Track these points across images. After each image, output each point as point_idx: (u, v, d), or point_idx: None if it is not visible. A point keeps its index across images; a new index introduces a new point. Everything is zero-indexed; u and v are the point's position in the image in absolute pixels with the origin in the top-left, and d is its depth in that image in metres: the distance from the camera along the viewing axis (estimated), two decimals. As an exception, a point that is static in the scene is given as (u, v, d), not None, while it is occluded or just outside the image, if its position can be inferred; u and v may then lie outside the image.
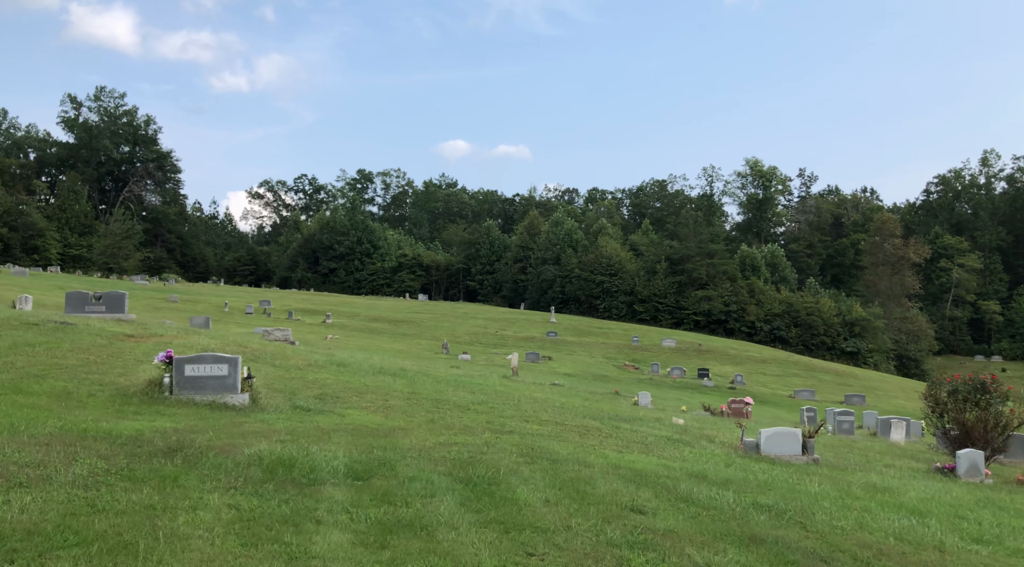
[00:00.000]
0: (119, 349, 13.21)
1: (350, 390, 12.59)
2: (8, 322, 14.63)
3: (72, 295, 19.07)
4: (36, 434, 7.04)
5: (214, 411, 9.49)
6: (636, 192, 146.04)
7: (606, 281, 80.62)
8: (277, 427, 8.84)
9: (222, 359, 10.07)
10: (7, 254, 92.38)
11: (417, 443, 8.52)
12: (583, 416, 13.26)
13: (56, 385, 9.91)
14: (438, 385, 15.24)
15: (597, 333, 62.90)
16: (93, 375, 10.84)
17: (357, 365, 16.73)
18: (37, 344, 12.61)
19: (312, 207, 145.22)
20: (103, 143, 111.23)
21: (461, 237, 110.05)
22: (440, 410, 11.51)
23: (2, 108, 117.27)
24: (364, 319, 59.77)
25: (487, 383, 18.08)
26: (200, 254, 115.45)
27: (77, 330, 14.75)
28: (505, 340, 54.76)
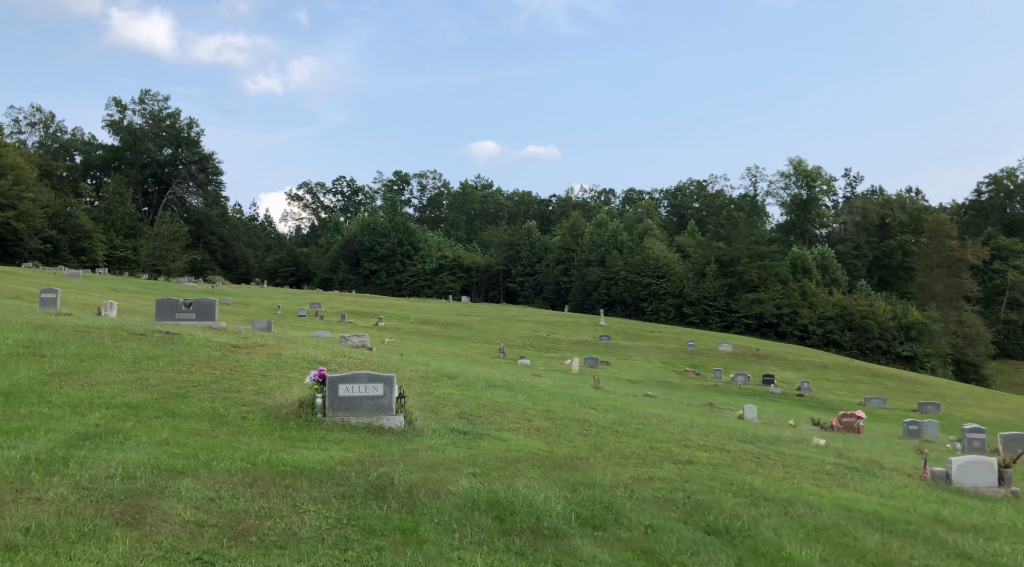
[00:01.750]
0: (236, 362, 12.61)
1: (482, 407, 11.86)
2: (115, 332, 14.12)
3: (163, 302, 18.62)
4: (228, 470, 6.37)
5: (375, 435, 8.78)
6: (674, 193, 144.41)
7: (653, 283, 79.37)
8: (452, 456, 8.11)
9: (377, 378, 9.37)
10: (56, 256, 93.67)
11: (611, 478, 7.72)
12: (724, 436, 12.39)
13: (202, 406, 9.28)
14: (556, 400, 14.46)
15: (649, 337, 61.80)
16: (230, 394, 10.21)
17: (461, 376, 16.03)
18: (158, 358, 12.05)
19: (350, 209, 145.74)
20: (147, 146, 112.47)
21: (501, 238, 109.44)
22: (590, 433, 10.72)
23: (50, 112, 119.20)
24: (414, 322, 59.34)
25: (593, 396, 17.29)
26: (241, 255, 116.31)
27: (183, 341, 14.21)
28: (558, 344, 53.91)
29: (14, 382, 9.39)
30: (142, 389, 9.85)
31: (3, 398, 8.57)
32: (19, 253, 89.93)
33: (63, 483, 5.24)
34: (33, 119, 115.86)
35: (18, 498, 4.77)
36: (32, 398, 8.75)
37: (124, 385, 9.93)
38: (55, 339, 12.61)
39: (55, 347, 11.92)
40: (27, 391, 9.06)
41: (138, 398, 9.27)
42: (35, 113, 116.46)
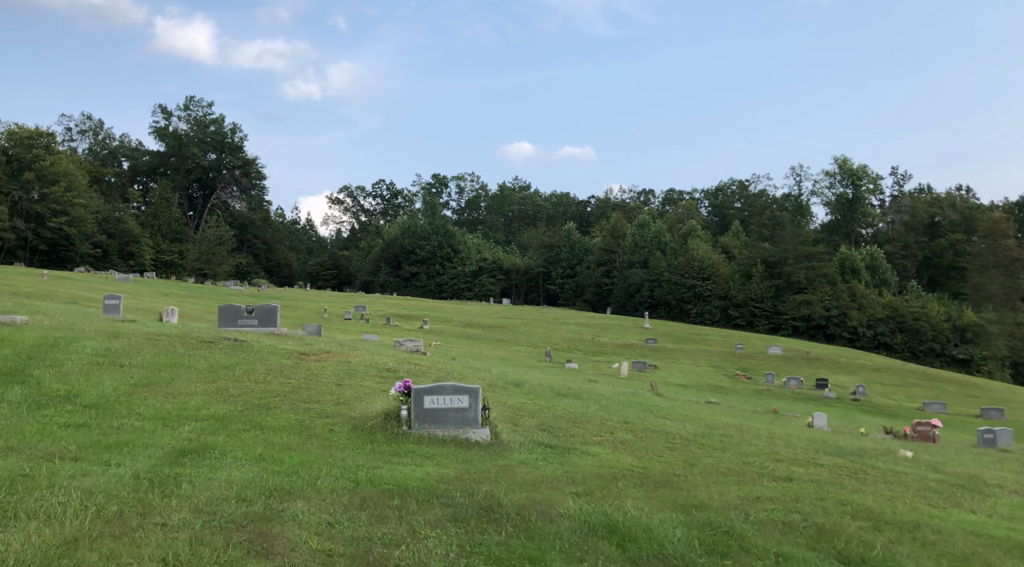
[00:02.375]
0: (308, 371, 12.52)
1: (559, 418, 11.58)
2: (185, 340, 14.16)
3: (225, 309, 18.70)
4: (334, 489, 6.18)
5: (463, 449, 8.55)
6: (715, 192, 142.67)
7: (698, 285, 78.30)
8: (547, 472, 7.84)
9: (462, 390, 9.16)
10: (106, 260, 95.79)
11: (719, 499, 7.37)
12: (810, 448, 11.92)
13: (287, 418, 9.15)
14: (627, 409, 14.12)
15: (696, 339, 60.94)
16: (311, 404, 10.08)
17: (527, 383, 15.81)
18: (232, 366, 12.00)
19: (389, 212, 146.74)
20: (192, 151, 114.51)
21: (540, 240, 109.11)
22: (676, 446, 10.36)
23: (99, 119, 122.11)
24: (457, 325, 59.34)
25: (660, 404, 16.90)
26: (284, 259, 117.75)
27: (253, 349, 14.18)
28: (603, 347, 53.43)
29: (101, 393, 9.37)
30: (224, 400, 9.77)
31: (94, 410, 8.53)
32: (71, 258, 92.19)
33: (182, 506, 5.08)
34: (83, 127, 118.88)
35: (144, 523, 4.62)
36: (121, 410, 8.71)
37: (206, 396, 9.86)
38: (130, 348, 12.65)
39: (132, 356, 11.94)
40: (114, 402, 9.03)
41: (223, 410, 9.18)
42: (85, 121, 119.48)
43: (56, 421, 7.89)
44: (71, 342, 12.45)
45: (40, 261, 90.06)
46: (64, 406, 8.66)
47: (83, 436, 7.27)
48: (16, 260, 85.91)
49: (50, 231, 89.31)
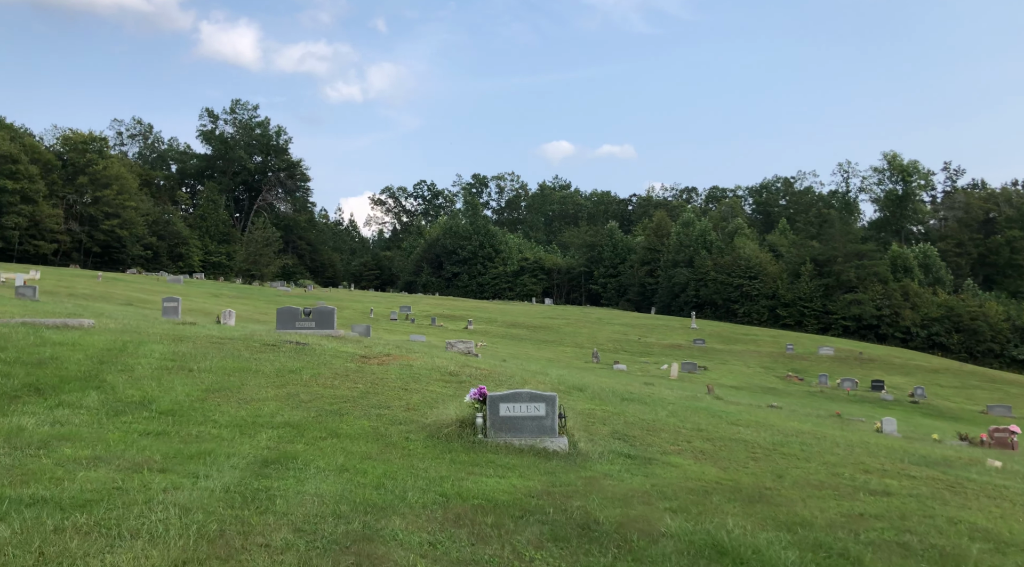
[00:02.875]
0: (373, 375, 12.38)
1: (630, 425, 11.25)
2: (248, 343, 14.14)
3: (283, 311, 18.74)
4: (424, 504, 5.96)
5: (543, 459, 8.29)
6: (759, 190, 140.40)
7: (745, 284, 76.94)
8: (635, 486, 7.52)
9: (538, 397, 8.89)
10: (156, 262, 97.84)
11: (820, 515, 6.96)
12: (894, 458, 11.39)
13: (361, 425, 8.98)
14: (695, 415, 13.72)
15: (744, 340, 59.87)
16: (382, 410, 9.92)
17: (590, 388, 15.49)
18: (299, 370, 11.92)
19: (430, 212, 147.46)
20: (238, 154, 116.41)
21: (581, 239, 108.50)
22: (758, 456, 9.96)
23: (148, 123, 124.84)
24: (501, 325, 59.20)
25: (727, 409, 16.43)
26: (328, 260, 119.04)
27: (315, 352, 14.11)
28: (650, 348, 52.77)
29: (174, 399, 9.32)
30: (296, 406, 9.65)
31: (171, 417, 8.46)
32: (123, 259, 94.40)
33: (281, 524, 4.90)
34: (134, 131, 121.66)
35: (247, 544, 4.44)
36: (196, 417, 8.62)
37: (278, 402, 9.76)
38: (197, 352, 12.65)
39: (199, 360, 11.92)
40: (189, 409, 8.96)
41: (297, 417, 9.05)
42: (135, 125, 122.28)
43: (135, 428, 7.82)
44: (139, 346, 12.50)
45: (93, 263, 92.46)
46: (140, 413, 8.61)
47: (165, 445, 7.17)
48: (71, 262, 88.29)
49: (103, 233, 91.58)
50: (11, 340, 11.71)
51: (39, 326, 13.71)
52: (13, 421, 7.47)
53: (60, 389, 9.26)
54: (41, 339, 12.06)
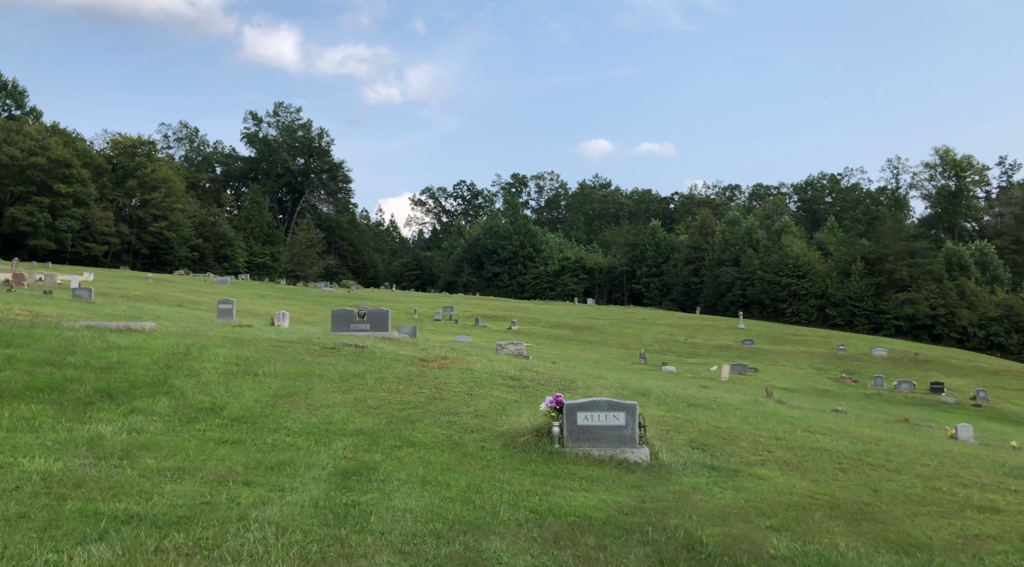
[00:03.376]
0: (435, 379, 12.15)
1: (705, 433, 10.83)
2: (308, 347, 14.04)
3: (338, 313, 18.69)
4: (518, 521, 5.67)
5: (625, 471, 7.95)
6: (804, 187, 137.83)
7: (793, 283, 75.39)
8: (727, 501, 7.14)
9: (617, 406, 8.55)
10: (202, 263, 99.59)
11: (933, 536, 6.49)
12: (986, 469, 10.77)
13: (435, 433, 8.74)
14: (767, 421, 13.22)
15: (794, 340, 58.62)
16: (451, 417, 9.68)
17: (653, 393, 15.09)
18: (362, 375, 11.75)
19: (470, 212, 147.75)
20: (281, 156, 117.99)
21: (623, 238, 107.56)
22: (846, 467, 9.47)
23: (194, 127, 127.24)
24: (544, 325, 58.85)
25: (794, 415, 15.87)
26: (370, 260, 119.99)
27: (375, 355, 13.96)
28: (698, 349, 51.94)
29: (244, 406, 9.19)
30: (366, 413, 9.46)
31: (243, 425, 8.32)
32: (170, 261, 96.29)
33: (381, 545, 4.65)
34: (180, 134, 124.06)
35: (352, 569, 4.19)
36: (269, 424, 8.47)
37: (347, 408, 9.57)
38: (259, 356, 12.57)
39: (263, 364, 11.82)
40: (260, 416, 8.81)
41: (368, 424, 8.85)
42: (182, 129, 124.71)
43: (210, 436, 7.68)
44: (203, 350, 12.46)
45: (142, 264, 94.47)
46: (213, 419, 8.48)
47: (243, 454, 7.00)
48: (121, 263, 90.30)
49: (151, 235, 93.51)
50: (79, 344, 11.75)
51: (103, 330, 13.78)
52: (92, 429, 7.38)
53: (131, 395, 9.19)
54: (107, 343, 12.09)
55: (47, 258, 76.68)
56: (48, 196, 78.58)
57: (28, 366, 9.99)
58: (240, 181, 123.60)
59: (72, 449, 6.45)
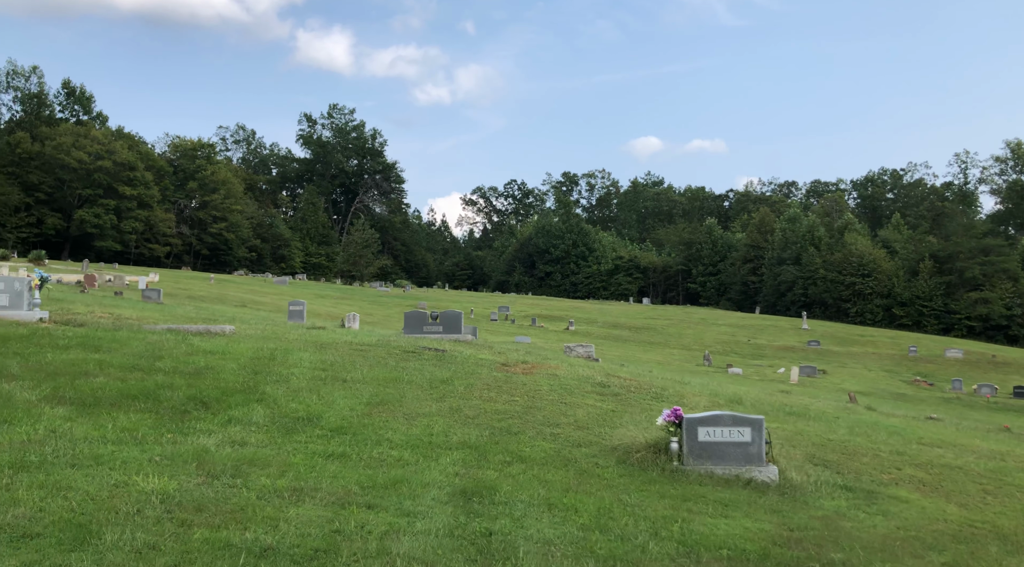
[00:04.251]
0: (524, 386, 11.65)
1: (821, 446, 10.09)
2: (389, 350, 13.68)
3: (410, 315, 18.36)
4: (671, 554, 5.11)
5: (754, 492, 7.31)
6: (864, 183, 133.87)
7: (858, 282, 72.95)
8: (881, 530, 6.44)
9: (742, 421, 7.91)
10: (260, 263, 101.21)
11: None
12: None
13: (541, 447, 8.23)
14: (875, 432, 12.36)
15: (861, 341, 56.66)
16: (553, 429, 9.15)
17: (746, 400, 14.32)
18: (450, 381, 11.31)
19: (521, 211, 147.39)
20: (335, 157, 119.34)
21: (678, 237, 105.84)
22: (991, 489, 8.63)
23: (251, 129, 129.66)
24: (602, 326, 58.04)
25: (894, 424, 14.92)
26: (422, 260, 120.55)
27: (455, 359, 13.53)
28: (761, 350, 50.54)
29: (340, 415, 8.82)
30: (464, 423, 8.99)
31: (344, 436, 7.92)
32: (229, 261, 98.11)
33: (542, 589, 4.13)
34: (238, 137, 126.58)
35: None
36: (369, 435, 8.06)
37: (444, 418, 9.13)
38: (343, 360, 12.24)
39: (349, 370, 11.48)
40: (358, 426, 8.41)
41: (471, 436, 8.38)
42: (239, 131, 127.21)
43: (314, 449, 7.30)
44: (286, 354, 12.18)
45: (202, 265, 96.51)
46: (312, 430, 8.12)
47: (352, 471, 6.58)
48: (182, 264, 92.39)
49: (211, 236, 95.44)
50: (164, 348, 11.58)
51: (184, 333, 13.64)
52: (194, 441, 7.05)
53: (225, 403, 8.89)
54: (192, 347, 11.89)
55: (112, 259, 78.80)
56: (114, 199, 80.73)
57: (119, 372, 9.81)
58: (295, 182, 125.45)
59: (181, 465, 6.11)
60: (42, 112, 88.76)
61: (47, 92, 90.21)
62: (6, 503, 4.69)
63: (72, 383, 8.86)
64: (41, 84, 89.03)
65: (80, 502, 4.85)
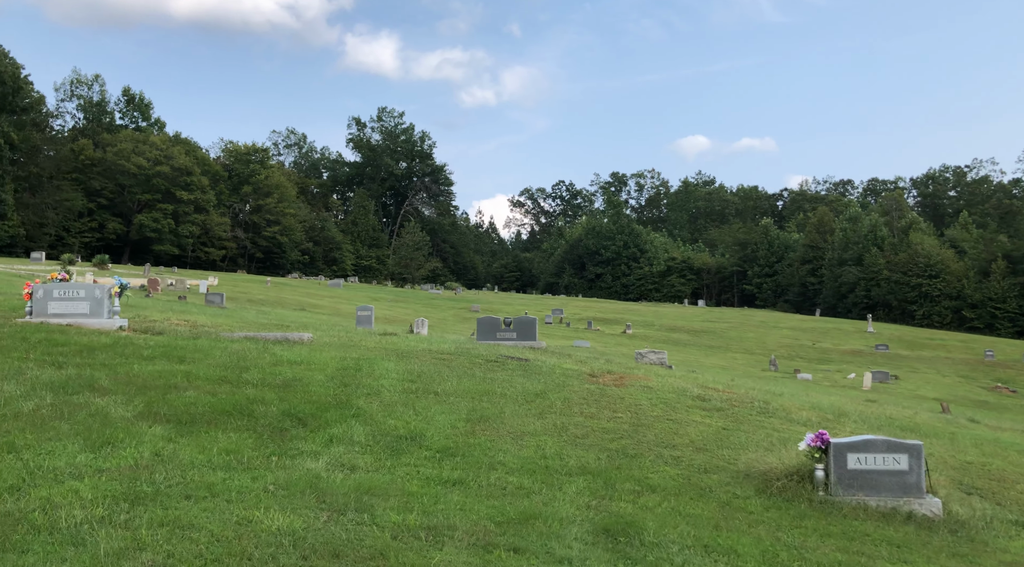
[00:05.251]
0: (622, 400, 10.94)
1: (959, 470, 9.19)
2: (471, 359, 13.11)
3: (483, 321, 17.81)
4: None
5: (920, 529, 6.48)
6: (924, 181, 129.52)
7: (924, 283, 70.26)
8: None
9: (898, 447, 7.08)
10: (312, 266, 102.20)
11: None
12: None
13: (668, 474, 7.52)
14: (1008, 452, 11.36)
15: (931, 345, 54.41)
16: (671, 451, 8.44)
17: (850, 413, 13.38)
18: (545, 394, 10.68)
19: (569, 212, 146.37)
20: (385, 161, 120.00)
21: (733, 237, 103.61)
22: None
23: (302, 133, 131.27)
24: (660, 329, 56.84)
25: (999, 437, 13.83)
26: (470, 262, 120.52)
27: (540, 369, 12.90)
28: (827, 354, 48.82)
29: (442, 433, 8.23)
30: (574, 443, 8.33)
31: (454, 459, 7.32)
32: (282, 264, 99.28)
33: None
34: (289, 141, 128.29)
35: None
36: (480, 458, 7.45)
37: (552, 438, 8.48)
38: (428, 370, 11.70)
39: (437, 381, 10.93)
40: (465, 447, 7.81)
41: (589, 460, 7.71)
42: (290, 135, 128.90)
43: (426, 474, 6.71)
44: (371, 364, 11.68)
45: (256, 267, 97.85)
46: (417, 451, 7.54)
47: (476, 502, 5.97)
48: (237, 267, 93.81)
49: (265, 240, 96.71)
50: (248, 358, 11.18)
51: (264, 341, 13.27)
52: (302, 465, 6.53)
53: (321, 418, 8.39)
54: (275, 357, 11.48)
55: (170, 263, 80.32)
56: (171, 203, 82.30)
57: (208, 385, 9.40)
58: (346, 186, 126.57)
59: (299, 496, 5.57)
60: (103, 119, 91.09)
61: (108, 100, 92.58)
62: (130, 547, 4.19)
63: (164, 398, 8.46)
64: (103, 92, 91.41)
65: (208, 545, 4.33)
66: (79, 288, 12.81)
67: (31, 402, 7.62)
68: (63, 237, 74.01)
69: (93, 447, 6.30)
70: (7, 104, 66.02)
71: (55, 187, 74.32)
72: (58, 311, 12.69)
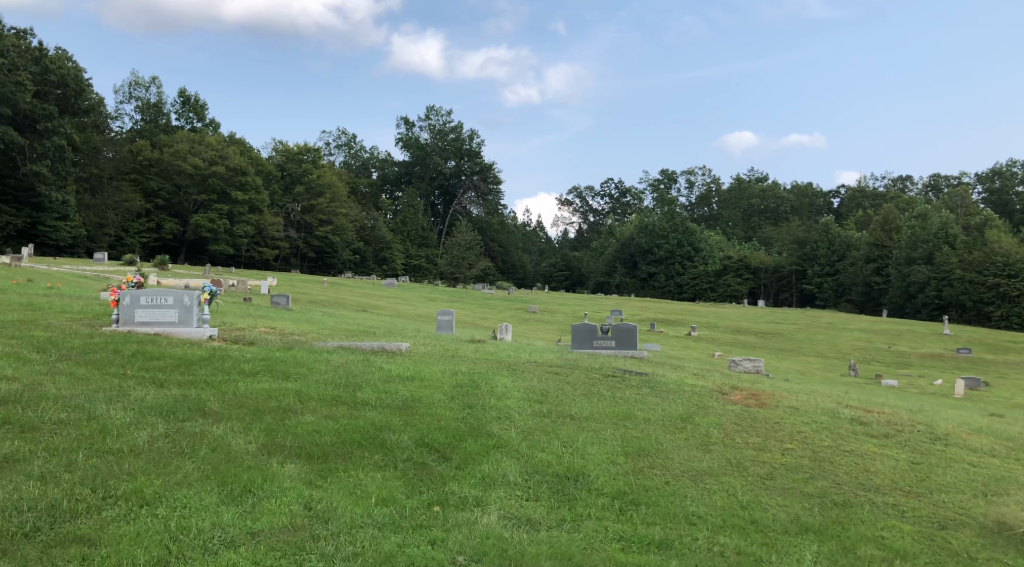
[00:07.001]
0: (778, 426, 9.61)
1: None
2: (588, 375, 11.89)
3: (579, 328, 16.58)
4: None
5: None
6: (991, 176, 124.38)
7: (1002, 283, 66.87)
8: None
9: None
10: (363, 266, 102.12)
11: None
12: None
13: (902, 531, 6.18)
14: None
15: (1016, 349, 51.50)
16: (880, 496, 7.09)
17: (985, 429, 11.80)
18: (689, 417, 9.43)
19: (617, 210, 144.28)
20: (434, 160, 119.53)
21: (791, 235, 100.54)
22: None
23: (352, 133, 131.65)
24: (723, 331, 54.93)
25: None
26: (519, 261, 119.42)
27: (665, 385, 11.63)
28: (906, 358, 46.45)
29: (604, 471, 7.01)
30: (764, 487, 7.03)
31: (636, 509, 6.08)
32: (334, 263, 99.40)
33: None
34: (340, 141, 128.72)
35: None
36: (667, 508, 6.20)
37: (734, 480, 7.18)
38: (548, 388, 10.53)
39: (565, 402, 9.75)
40: (640, 491, 6.58)
41: (794, 511, 6.41)
42: (341, 135, 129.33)
43: (619, 532, 5.51)
44: (485, 380, 10.57)
45: (308, 267, 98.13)
46: (588, 497, 6.33)
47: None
48: (290, 267, 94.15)
49: (317, 239, 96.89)
50: (354, 373, 10.16)
51: (361, 352, 12.26)
52: (473, 521, 5.38)
53: (459, 450, 7.25)
54: (383, 373, 10.43)
55: (225, 262, 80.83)
56: (227, 203, 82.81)
57: (323, 406, 8.36)
58: (395, 185, 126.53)
59: None
60: (160, 120, 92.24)
61: (164, 101, 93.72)
62: None
63: (282, 424, 7.42)
64: (159, 94, 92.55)
65: None
66: (167, 295, 11.94)
67: (143, 432, 6.63)
68: (122, 237, 74.92)
69: (232, 497, 5.24)
70: (70, 106, 66.94)
71: (115, 188, 75.28)
72: (145, 319, 11.83)
